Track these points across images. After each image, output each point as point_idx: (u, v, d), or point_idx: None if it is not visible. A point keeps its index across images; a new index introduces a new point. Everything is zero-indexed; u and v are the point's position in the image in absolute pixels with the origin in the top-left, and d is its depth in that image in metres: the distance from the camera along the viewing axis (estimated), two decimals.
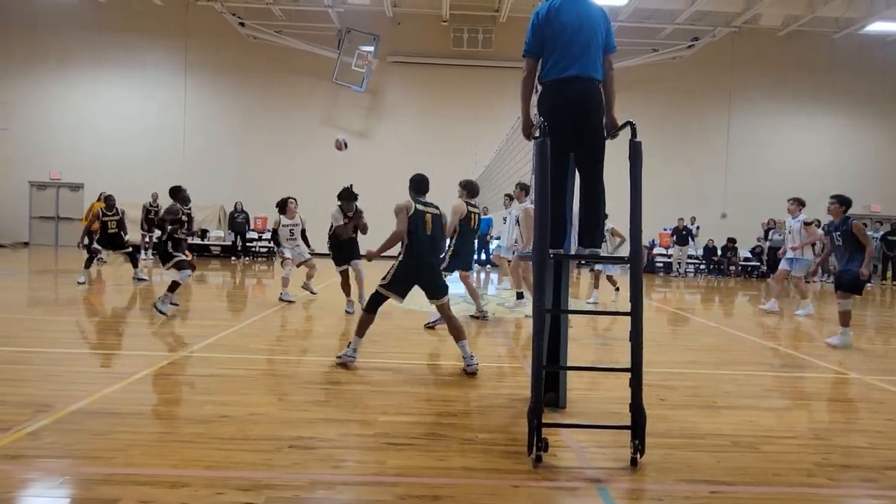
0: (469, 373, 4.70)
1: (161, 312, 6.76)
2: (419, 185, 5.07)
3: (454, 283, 10.91)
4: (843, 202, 6.64)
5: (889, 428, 3.76)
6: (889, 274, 17.25)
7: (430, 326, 6.85)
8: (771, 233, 17.64)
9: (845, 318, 6.51)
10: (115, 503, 2.40)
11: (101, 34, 19.19)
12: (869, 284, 15.11)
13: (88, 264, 9.93)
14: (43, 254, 16.94)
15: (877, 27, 17.61)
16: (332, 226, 7.90)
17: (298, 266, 9.15)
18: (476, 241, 14.75)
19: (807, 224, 9.58)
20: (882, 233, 17.45)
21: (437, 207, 5.04)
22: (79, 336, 6.13)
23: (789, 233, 9.77)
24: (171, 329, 6.39)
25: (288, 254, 9.05)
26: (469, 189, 7.25)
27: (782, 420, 3.83)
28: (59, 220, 19.75)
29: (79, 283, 9.47)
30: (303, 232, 9.24)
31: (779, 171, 19.78)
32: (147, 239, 16.10)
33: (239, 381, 4.30)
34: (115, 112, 19.36)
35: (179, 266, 7.09)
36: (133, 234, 17.57)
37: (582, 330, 7.04)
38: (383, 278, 4.94)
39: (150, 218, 16.00)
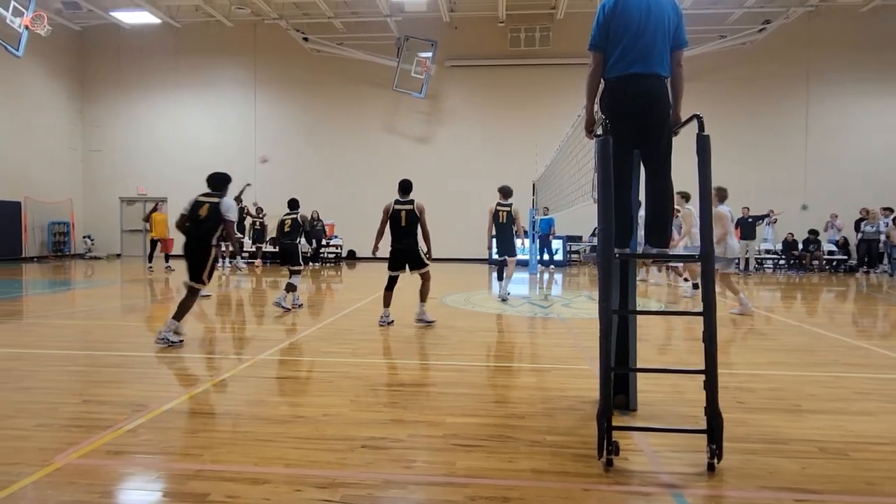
0: (418, 321, 6.99)
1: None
2: (403, 187, 7.09)
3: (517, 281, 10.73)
4: None
5: None
6: None
7: None
8: (863, 224, 16.45)
9: None
10: (205, 497, 2.57)
11: (178, 57, 20.50)
12: None
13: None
14: (133, 265, 18.23)
15: None
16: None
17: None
18: (538, 240, 15.11)
19: None
20: None
21: (412, 203, 6.94)
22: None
23: None
24: (249, 334, 6.74)
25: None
26: (502, 192, 9.41)
27: (875, 425, 3.58)
28: (146, 232, 21.20)
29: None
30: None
31: (865, 157, 18.41)
32: (224, 248, 17.02)
33: (312, 383, 4.49)
34: (193, 129, 20.63)
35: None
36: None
37: (654, 330, 6.84)
38: (388, 265, 7.05)
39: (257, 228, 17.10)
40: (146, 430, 3.39)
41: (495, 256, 9.79)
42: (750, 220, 16.38)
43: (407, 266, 7.09)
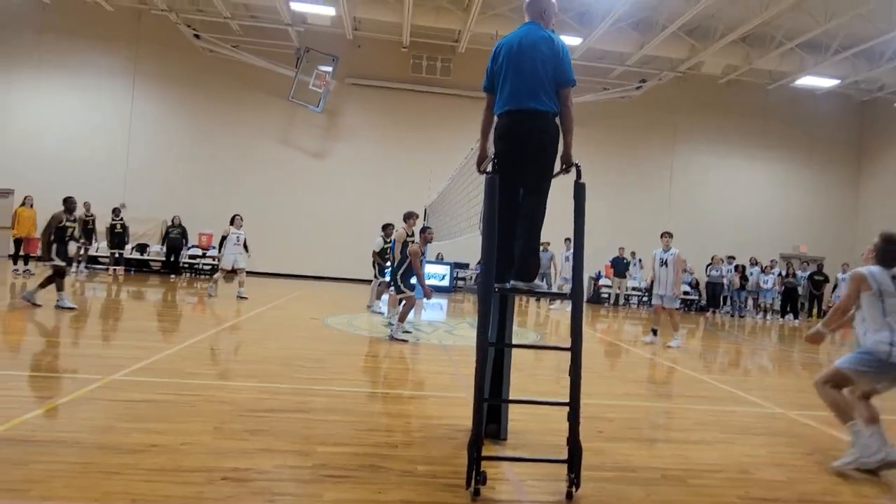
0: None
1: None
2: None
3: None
4: None
5: (805, 462, 3.97)
6: (815, 311, 18.31)
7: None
8: (708, 268, 18.49)
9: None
10: None
11: (43, 35, 18.45)
12: (796, 320, 15.97)
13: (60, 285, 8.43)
14: None
15: (806, 81, 18.99)
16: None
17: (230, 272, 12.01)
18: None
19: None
20: (809, 272, 18.57)
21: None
22: (0, 356, 5.75)
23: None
24: (102, 350, 6.10)
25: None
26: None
27: (711, 454, 3.99)
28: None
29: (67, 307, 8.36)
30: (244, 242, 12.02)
31: (717, 209, 20.86)
32: (83, 251, 15.39)
33: (172, 408, 4.14)
34: (54, 117, 18.53)
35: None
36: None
37: (528, 360, 7.14)
38: None
39: (89, 228, 15.32)
40: None
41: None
42: (623, 260, 17.82)
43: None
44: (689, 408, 5.41)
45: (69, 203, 8.78)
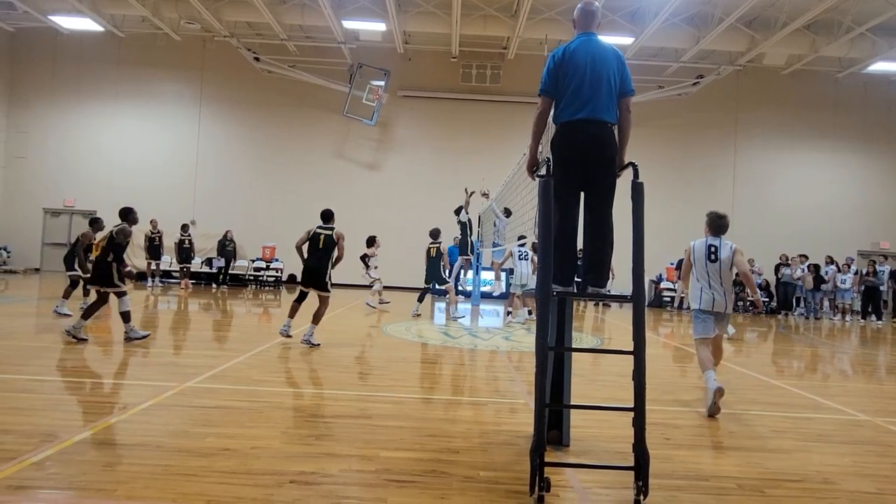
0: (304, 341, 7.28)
1: (79, 339, 6.71)
2: (324, 216, 7.66)
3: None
4: None
5: None
6: None
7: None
8: (782, 268, 17.57)
9: None
10: None
11: (120, 68, 19.77)
12: (879, 322, 14.89)
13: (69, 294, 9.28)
14: (53, 280, 17.08)
15: (880, 66, 17.81)
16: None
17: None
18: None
19: None
20: (890, 269, 17.32)
21: (332, 230, 7.48)
22: (85, 365, 6.16)
23: None
24: (176, 359, 6.42)
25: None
26: (432, 234, 11.97)
27: (789, 462, 3.78)
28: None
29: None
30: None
31: (785, 207, 19.80)
32: (154, 266, 16.22)
33: (242, 414, 4.31)
34: (131, 142, 19.79)
35: (121, 294, 7.07)
36: (139, 262, 17.87)
37: (587, 365, 7.00)
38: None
39: (155, 245, 16.10)
40: (54, 462, 3.15)
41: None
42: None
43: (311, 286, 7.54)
44: (763, 414, 5.15)
45: (99, 223, 9.60)
